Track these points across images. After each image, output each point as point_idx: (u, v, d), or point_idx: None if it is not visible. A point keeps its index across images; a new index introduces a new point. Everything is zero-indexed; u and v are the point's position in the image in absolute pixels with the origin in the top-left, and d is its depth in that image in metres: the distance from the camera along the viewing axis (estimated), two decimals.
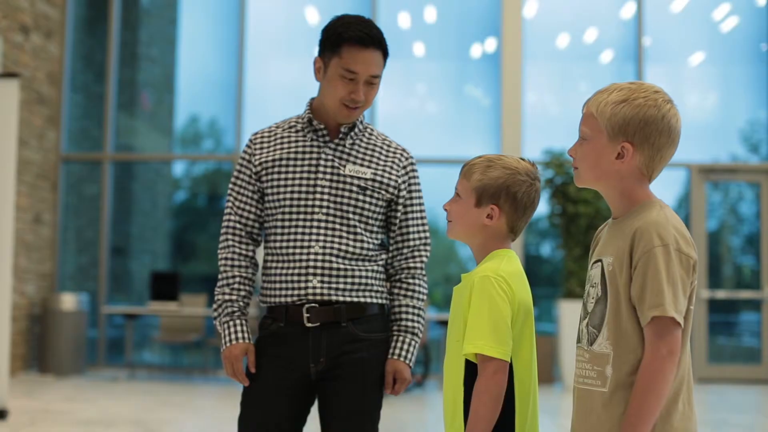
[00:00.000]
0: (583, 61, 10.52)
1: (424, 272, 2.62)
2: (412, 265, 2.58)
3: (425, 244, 2.61)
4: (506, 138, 9.73)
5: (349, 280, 2.46)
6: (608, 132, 1.85)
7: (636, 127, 1.82)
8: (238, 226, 2.56)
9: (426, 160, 9.86)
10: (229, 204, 2.58)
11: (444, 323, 8.73)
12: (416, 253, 2.59)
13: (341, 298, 2.45)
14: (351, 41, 2.42)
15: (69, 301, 9.08)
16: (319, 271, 2.44)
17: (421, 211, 2.63)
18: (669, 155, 1.87)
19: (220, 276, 2.56)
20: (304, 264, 2.45)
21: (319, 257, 2.44)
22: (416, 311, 2.57)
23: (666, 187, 10.20)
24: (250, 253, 2.56)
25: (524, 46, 9.94)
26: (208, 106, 10.85)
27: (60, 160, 9.90)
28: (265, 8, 10.48)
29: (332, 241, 2.46)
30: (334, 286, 2.45)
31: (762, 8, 10.39)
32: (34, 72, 9.30)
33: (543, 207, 9.39)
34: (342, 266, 2.45)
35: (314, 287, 2.44)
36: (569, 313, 8.56)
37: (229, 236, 2.56)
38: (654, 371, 1.72)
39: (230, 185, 2.59)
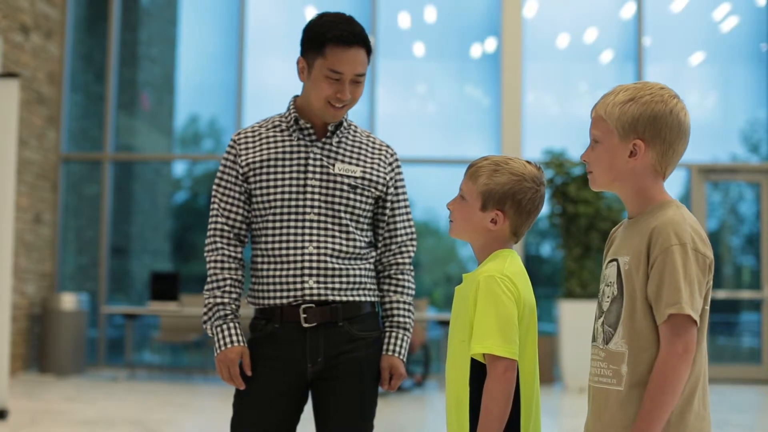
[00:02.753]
0: (583, 61, 10.52)
1: (411, 267, 2.63)
2: (400, 260, 2.59)
3: (412, 240, 2.62)
4: (506, 138, 9.73)
5: (344, 279, 2.46)
6: (619, 132, 1.86)
7: (646, 124, 1.84)
8: (225, 228, 2.53)
9: (426, 160, 9.86)
10: (215, 206, 2.55)
11: (444, 323, 8.73)
12: (404, 249, 2.60)
13: (337, 298, 2.45)
14: (334, 41, 2.39)
15: (69, 301, 9.08)
16: (314, 271, 2.43)
17: (406, 207, 2.63)
18: (681, 150, 1.89)
19: (209, 279, 2.53)
20: (299, 265, 2.44)
21: (314, 258, 2.44)
22: (407, 306, 2.59)
23: (666, 186, 10.18)
24: (239, 255, 2.54)
25: (524, 46, 9.94)
26: (208, 106, 10.85)
27: (60, 160, 9.90)
28: (265, 8, 10.48)
29: (326, 241, 2.45)
30: (330, 286, 2.44)
31: (762, 8, 10.39)
32: (34, 72, 9.30)
33: (543, 207, 9.39)
34: (337, 266, 2.45)
35: (310, 288, 2.43)
36: (569, 313, 8.56)
37: (217, 238, 2.53)
38: (669, 369, 1.73)
39: (215, 187, 2.57)
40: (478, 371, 1.97)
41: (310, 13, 10.20)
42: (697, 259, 1.77)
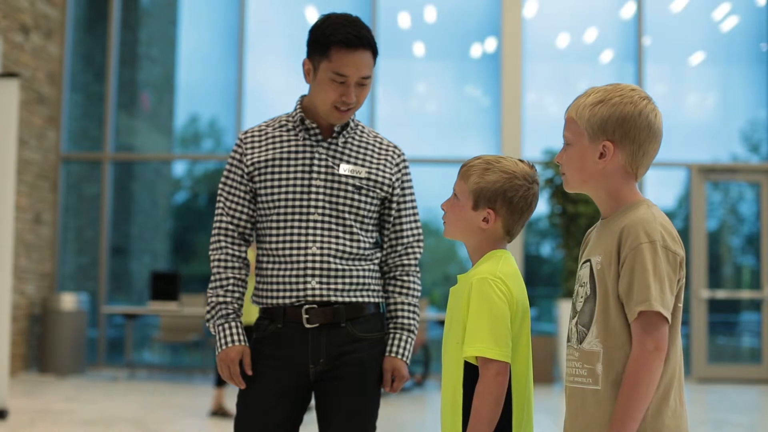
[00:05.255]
0: (583, 61, 10.52)
1: (417, 269, 2.62)
2: (406, 262, 2.58)
3: (418, 241, 2.62)
4: (506, 138, 9.73)
5: (347, 280, 2.45)
6: (589, 133, 1.88)
7: (614, 125, 1.86)
8: (230, 227, 2.54)
9: (426, 160, 9.86)
10: (220, 205, 2.56)
11: (444, 323, 8.73)
12: (410, 250, 2.59)
13: (340, 299, 2.44)
14: (339, 44, 2.38)
15: (69, 301, 9.08)
16: (317, 272, 2.43)
17: (413, 207, 2.63)
18: (652, 150, 1.89)
19: (213, 277, 2.54)
20: (302, 265, 2.44)
21: (317, 258, 2.43)
22: (412, 308, 2.58)
23: (666, 187, 10.20)
24: (243, 254, 2.55)
25: (524, 46, 9.94)
26: (208, 106, 10.85)
27: (60, 160, 9.90)
28: (265, 8, 10.48)
29: (329, 242, 2.44)
30: (332, 286, 2.44)
31: (762, 8, 10.39)
32: (34, 72, 9.30)
33: (543, 207, 9.39)
34: (340, 266, 2.44)
35: (313, 288, 2.43)
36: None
37: (222, 237, 2.54)
38: (641, 367, 1.74)
39: (221, 185, 2.57)
40: (472, 373, 1.97)
41: (310, 14, 10.20)
42: (667, 257, 1.77)
